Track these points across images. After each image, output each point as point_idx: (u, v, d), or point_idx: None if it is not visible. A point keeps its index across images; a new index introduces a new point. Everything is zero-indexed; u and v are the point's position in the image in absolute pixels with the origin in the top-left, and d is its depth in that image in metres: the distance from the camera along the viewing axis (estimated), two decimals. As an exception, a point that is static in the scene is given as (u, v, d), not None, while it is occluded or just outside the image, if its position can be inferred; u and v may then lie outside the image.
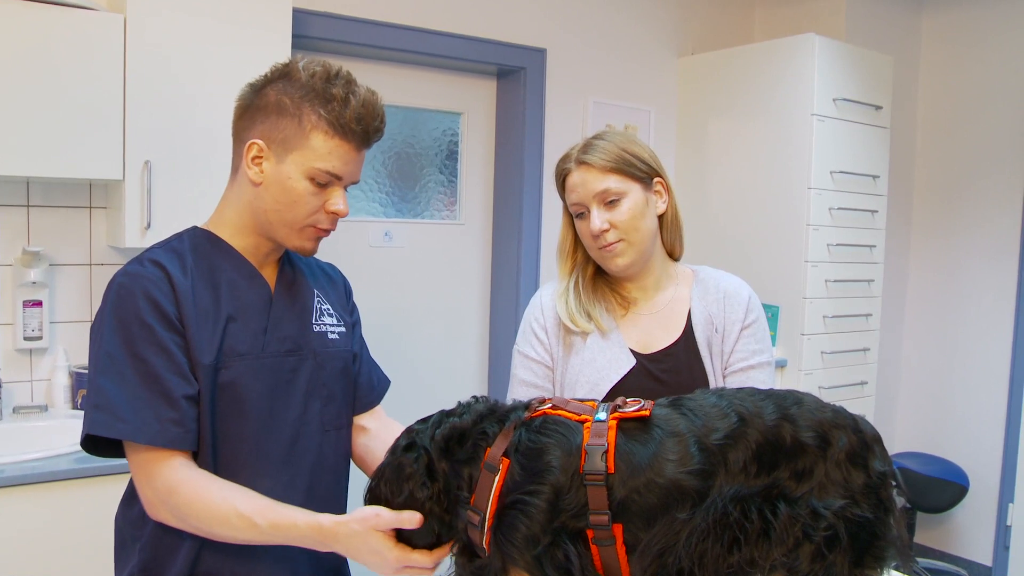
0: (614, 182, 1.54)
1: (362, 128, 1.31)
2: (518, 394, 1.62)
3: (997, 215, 3.92)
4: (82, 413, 1.39)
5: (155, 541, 1.30)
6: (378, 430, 1.55)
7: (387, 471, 1.14)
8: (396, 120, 3.35)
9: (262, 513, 1.20)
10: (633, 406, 1.07)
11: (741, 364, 1.59)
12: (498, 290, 3.59)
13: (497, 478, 1.04)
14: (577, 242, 1.65)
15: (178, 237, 1.38)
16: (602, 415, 1.07)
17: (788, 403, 1.04)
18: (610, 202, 1.54)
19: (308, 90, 1.29)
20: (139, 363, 1.23)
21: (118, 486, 1.45)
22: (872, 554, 0.97)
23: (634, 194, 1.55)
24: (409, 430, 1.17)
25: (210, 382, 1.29)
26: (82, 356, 2.51)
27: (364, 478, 1.40)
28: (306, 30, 2.86)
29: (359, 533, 1.14)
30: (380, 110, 1.33)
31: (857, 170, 3.53)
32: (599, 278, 1.66)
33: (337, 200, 1.34)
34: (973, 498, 3.92)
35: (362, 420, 1.55)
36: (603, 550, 1.01)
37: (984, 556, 3.95)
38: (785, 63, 3.48)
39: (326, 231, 1.37)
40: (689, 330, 1.60)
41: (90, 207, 2.59)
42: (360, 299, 1.61)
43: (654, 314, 1.63)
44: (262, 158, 1.31)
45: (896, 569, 1.01)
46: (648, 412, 1.05)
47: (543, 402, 1.13)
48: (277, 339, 1.37)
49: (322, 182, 1.31)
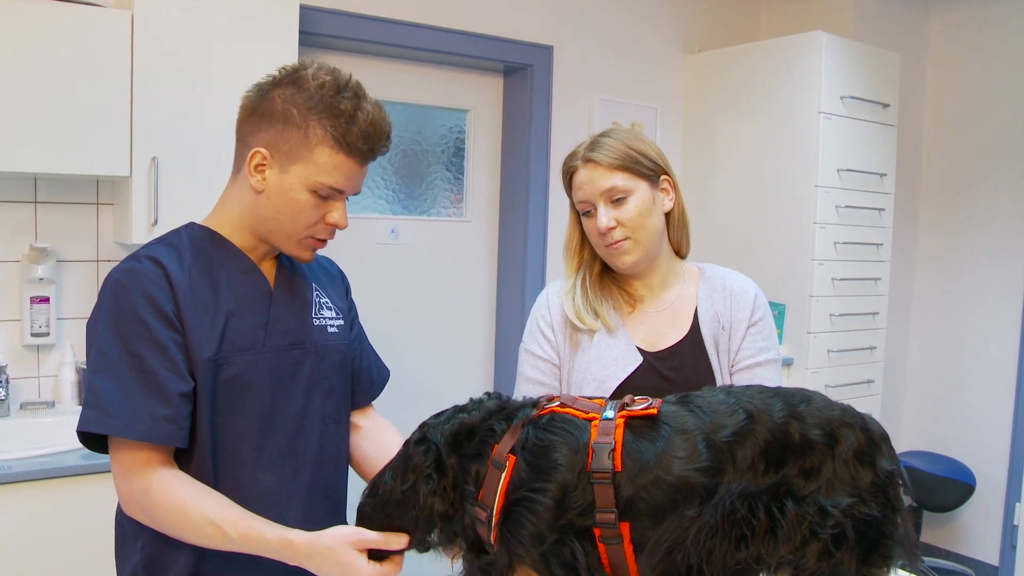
0: (621, 180, 1.54)
1: (368, 147, 1.30)
2: (525, 392, 1.62)
3: (1004, 213, 3.91)
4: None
5: (157, 539, 1.30)
6: (369, 429, 1.56)
7: (396, 461, 1.16)
8: (403, 117, 3.35)
9: (234, 524, 1.20)
10: (641, 404, 1.07)
11: (748, 361, 1.58)
12: (504, 287, 3.59)
13: (504, 475, 1.05)
14: (584, 240, 1.65)
15: (175, 233, 1.38)
16: (610, 413, 1.07)
17: (796, 401, 1.04)
18: (617, 200, 1.54)
19: (316, 102, 1.27)
20: (134, 360, 1.23)
21: (125, 482, 1.46)
22: (879, 553, 0.97)
23: (641, 192, 1.55)
24: (422, 425, 1.17)
25: (211, 377, 1.29)
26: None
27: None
28: (313, 27, 2.86)
29: (330, 549, 1.14)
30: (387, 127, 1.32)
31: (864, 168, 3.52)
32: (606, 276, 1.66)
33: (337, 213, 1.34)
34: (980, 497, 3.91)
35: (355, 418, 1.55)
36: (610, 548, 1.01)
37: (991, 555, 3.94)
38: (792, 61, 3.47)
39: (323, 241, 1.38)
40: (696, 328, 1.60)
41: (97, 203, 2.59)
42: (366, 296, 1.61)
43: (661, 312, 1.63)
44: (265, 166, 1.30)
45: (903, 568, 1.01)
46: (656, 411, 1.05)
47: (551, 400, 1.13)
48: (278, 333, 1.37)
49: (324, 195, 1.31)
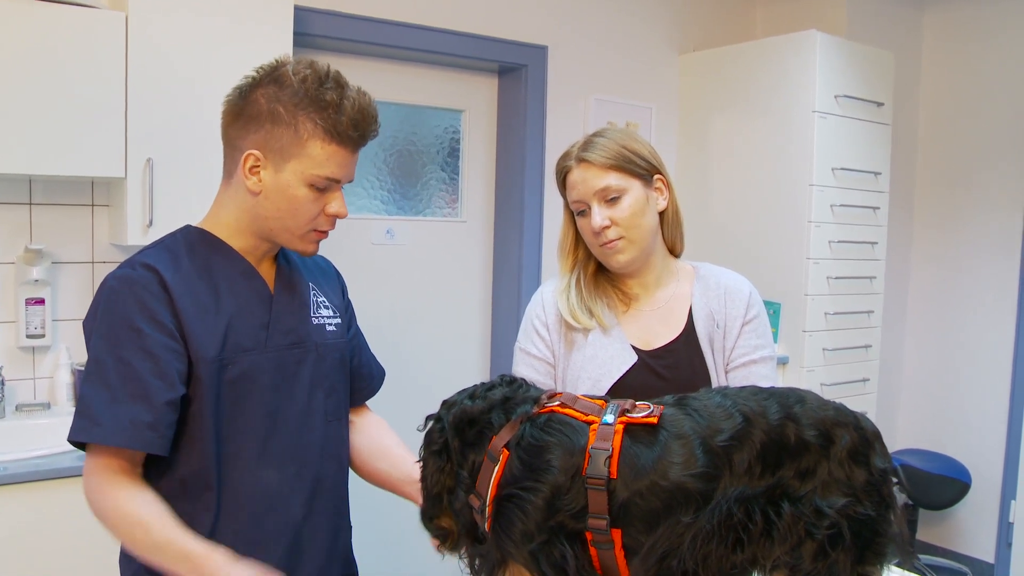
0: (614, 179, 1.54)
1: (359, 133, 1.32)
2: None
3: (999, 211, 3.92)
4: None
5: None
6: (360, 423, 1.58)
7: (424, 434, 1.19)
8: (397, 118, 3.35)
9: (159, 528, 1.20)
10: (642, 411, 1.06)
11: (743, 359, 1.59)
12: (500, 287, 3.59)
13: (497, 468, 1.05)
14: (578, 239, 1.66)
15: (172, 236, 1.39)
16: (610, 418, 1.06)
17: (791, 402, 1.04)
18: (611, 199, 1.54)
19: (301, 97, 1.28)
20: (123, 366, 1.24)
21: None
22: (873, 551, 0.97)
23: (634, 191, 1.55)
24: (444, 402, 1.19)
25: (215, 377, 1.30)
26: (85, 354, 2.51)
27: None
28: (307, 27, 2.86)
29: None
30: (374, 111, 1.34)
31: (859, 167, 3.53)
32: (600, 275, 1.67)
33: (337, 203, 1.36)
34: (975, 495, 3.92)
35: (350, 413, 1.57)
36: (602, 553, 1.01)
37: (987, 553, 3.95)
38: (786, 60, 3.47)
39: (325, 233, 1.39)
40: (690, 326, 1.60)
41: (92, 205, 2.59)
42: (362, 297, 1.61)
43: (655, 310, 1.63)
44: (259, 167, 1.31)
45: (897, 565, 1.01)
46: (656, 420, 1.04)
47: (552, 397, 1.13)
48: (280, 332, 1.38)
49: (321, 187, 1.32)
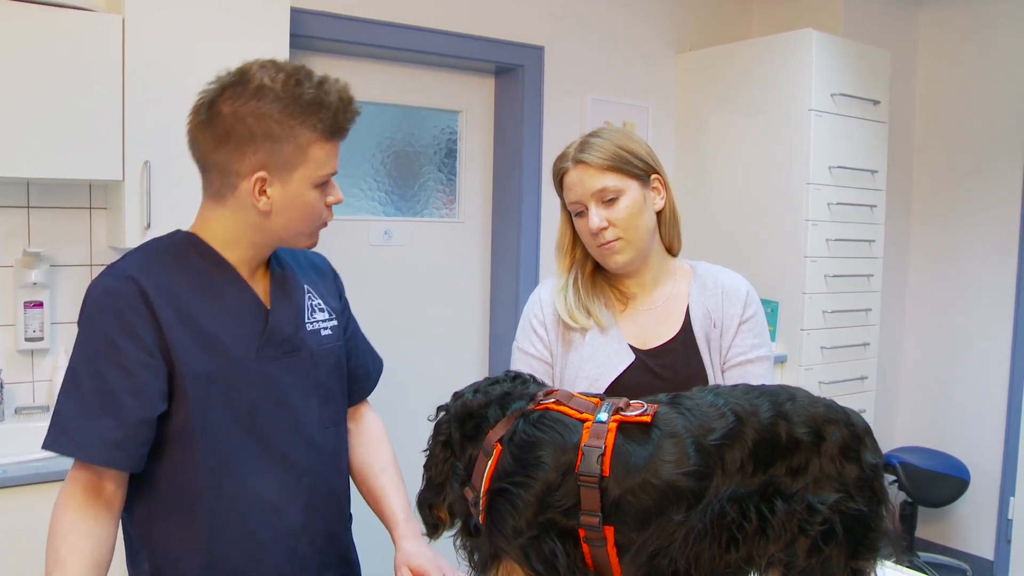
0: (611, 180, 1.54)
1: (347, 124, 1.34)
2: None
3: (996, 208, 3.92)
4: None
5: (162, 550, 1.32)
6: (357, 432, 1.59)
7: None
8: (395, 119, 3.35)
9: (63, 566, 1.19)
10: (636, 409, 1.07)
11: (740, 358, 1.59)
12: (498, 287, 3.59)
13: (490, 462, 1.06)
14: (575, 239, 1.66)
15: (160, 242, 1.37)
16: (603, 415, 1.06)
17: (782, 399, 1.04)
18: (608, 200, 1.54)
19: (288, 105, 1.27)
20: (98, 381, 1.24)
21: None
22: (866, 545, 0.98)
23: (632, 192, 1.56)
24: (454, 394, 1.20)
25: (203, 392, 1.29)
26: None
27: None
28: (304, 29, 2.87)
29: None
30: (349, 91, 1.34)
31: (855, 165, 3.53)
32: (598, 274, 1.67)
33: (334, 192, 1.38)
34: (974, 492, 3.92)
35: (348, 415, 1.57)
36: (594, 550, 1.02)
37: (986, 550, 3.96)
38: (783, 59, 3.48)
39: (326, 223, 1.42)
40: (687, 325, 1.61)
41: (90, 208, 2.59)
42: (360, 298, 1.62)
43: (653, 310, 1.63)
44: (266, 186, 1.30)
45: (889, 559, 1.02)
46: (650, 418, 1.05)
47: (548, 394, 1.14)
48: (274, 343, 1.37)
49: (324, 184, 1.34)
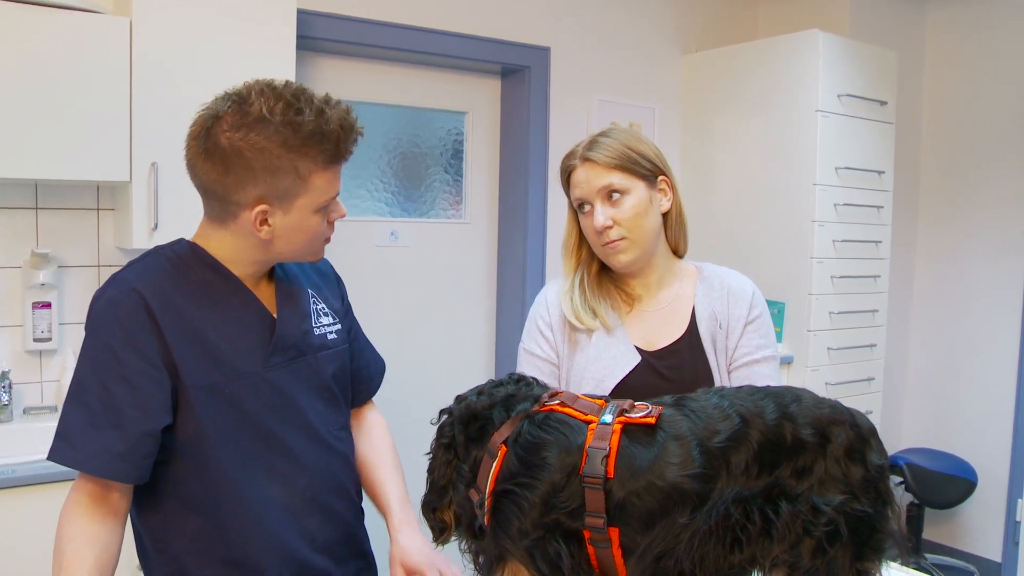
0: (618, 179, 1.54)
1: (348, 151, 1.32)
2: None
3: (1004, 209, 3.91)
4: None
5: (181, 556, 1.33)
6: (359, 431, 1.60)
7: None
8: (401, 120, 3.36)
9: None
10: (641, 411, 1.07)
11: (746, 359, 1.59)
12: (504, 288, 3.60)
13: (495, 463, 1.06)
14: (582, 239, 1.66)
15: (165, 252, 1.37)
16: (608, 417, 1.06)
17: (787, 401, 1.04)
18: (614, 199, 1.55)
19: (288, 136, 1.24)
20: (103, 392, 1.25)
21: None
22: (871, 547, 0.98)
23: (638, 191, 1.56)
24: (457, 396, 1.20)
25: (209, 402, 1.30)
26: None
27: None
28: (310, 31, 2.87)
29: None
30: (352, 118, 1.31)
31: (862, 166, 3.53)
32: (604, 275, 1.67)
33: (338, 209, 1.37)
34: (982, 494, 3.91)
35: (352, 415, 1.58)
36: (599, 551, 1.02)
37: (993, 552, 3.94)
38: (789, 59, 3.47)
39: (330, 238, 1.41)
40: (693, 326, 1.61)
41: (98, 209, 2.60)
42: (366, 299, 1.62)
43: (658, 311, 1.64)
44: (267, 216, 1.30)
45: (895, 561, 1.01)
46: (654, 420, 1.05)
47: (553, 396, 1.14)
48: (280, 351, 1.38)
49: (326, 206, 1.34)
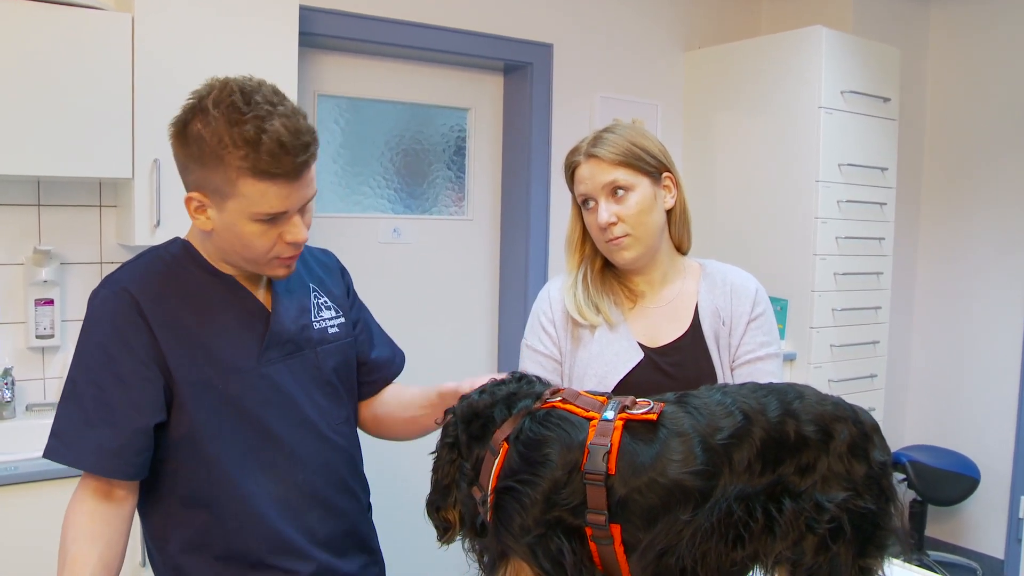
0: (623, 175, 1.54)
1: (284, 169, 1.21)
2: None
3: (1006, 206, 3.90)
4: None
5: (183, 557, 1.34)
6: (391, 393, 1.58)
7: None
8: (404, 117, 3.35)
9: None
10: (642, 408, 1.07)
11: (749, 356, 1.59)
12: (506, 285, 3.59)
13: (497, 460, 1.06)
14: (585, 235, 1.66)
15: (159, 251, 1.37)
16: (610, 414, 1.06)
17: (790, 397, 1.04)
18: (618, 195, 1.54)
19: (222, 134, 1.20)
20: (96, 390, 1.26)
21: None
22: (874, 544, 0.98)
23: (642, 188, 1.55)
24: (462, 396, 1.20)
25: (203, 400, 1.30)
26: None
27: (382, 462, 1.41)
28: (313, 27, 2.87)
29: None
30: (301, 137, 1.22)
31: (865, 162, 3.52)
32: (607, 271, 1.67)
33: (292, 231, 1.28)
34: (984, 491, 3.91)
35: (378, 396, 1.58)
36: (601, 548, 1.02)
37: (996, 549, 3.94)
38: (792, 56, 3.47)
39: (291, 258, 1.33)
40: (696, 323, 1.60)
41: (100, 206, 2.61)
42: (369, 296, 1.62)
43: (662, 307, 1.63)
44: (204, 207, 1.27)
45: (897, 557, 1.01)
46: (656, 416, 1.04)
47: (555, 393, 1.13)
48: (277, 346, 1.37)
49: (268, 220, 1.25)
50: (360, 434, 1.57)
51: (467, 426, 1.13)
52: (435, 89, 3.40)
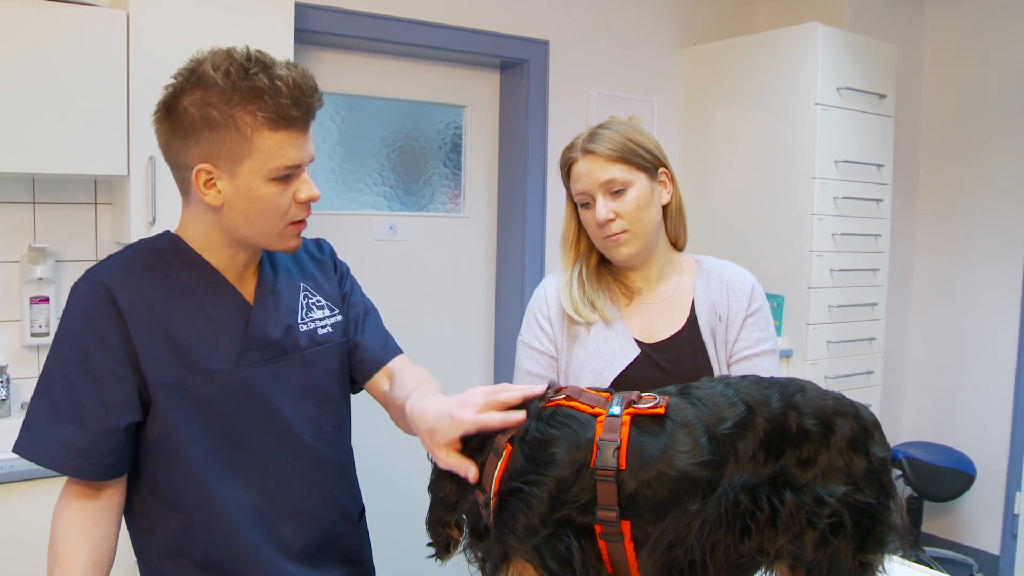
0: (620, 172, 1.54)
1: (303, 110, 1.23)
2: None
3: (1003, 202, 3.91)
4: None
5: (160, 563, 1.32)
6: (400, 374, 1.46)
7: None
8: (400, 114, 3.35)
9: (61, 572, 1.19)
10: (648, 402, 1.06)
11: (745, 352, 1.59)
12: (503, 282, 3.59)
13: (500, 462, 1.05)
14: (581, 231, 1.66)
15: (143, 246, 1.34)
16: (616, 409, 1.06)
17: (792, 391, 1.04)
18: (615, 192, 1.54)
19: (230, 92, 1.20)
20: (68, 387, 1.23)
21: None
22: (874, 539, 0.98)
23: (639, 184, 1.55)
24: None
25: (177, 401, 1.26)
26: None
27: (380, 470, 1.40)
28: (308, 24, 2.86)
29: None
30: (311, 81, 1.25)
31: (861, 159, 3.52)
32: (603, 268, 1.67)
33: (305, 188, 1.28)
34: (981, 487, 3.92)
35: (379, 380, 1.48)
36: (611, 546, 1.01)
37: (992, 545, 3.95)
38: (788, 52, 3.47)
39: (303, 222, 1.33)
40: (693, 319, 1.60)
41: (95, 203, 2.60)
42: (365, 292, 1.60)
43: (658, 303, 1.63)
44: (214, 179, 1.24)
45: (896, 553, 1.01)
46: (663, 410, 1.04)
47: (558, 392, 1.13)
48: (257, 348, 1.32)
49: (284, 178, 1.25)
50: (354, 439, 1.52)
51: (467, 439, 1.11)
52: (431, 86, 3.39)
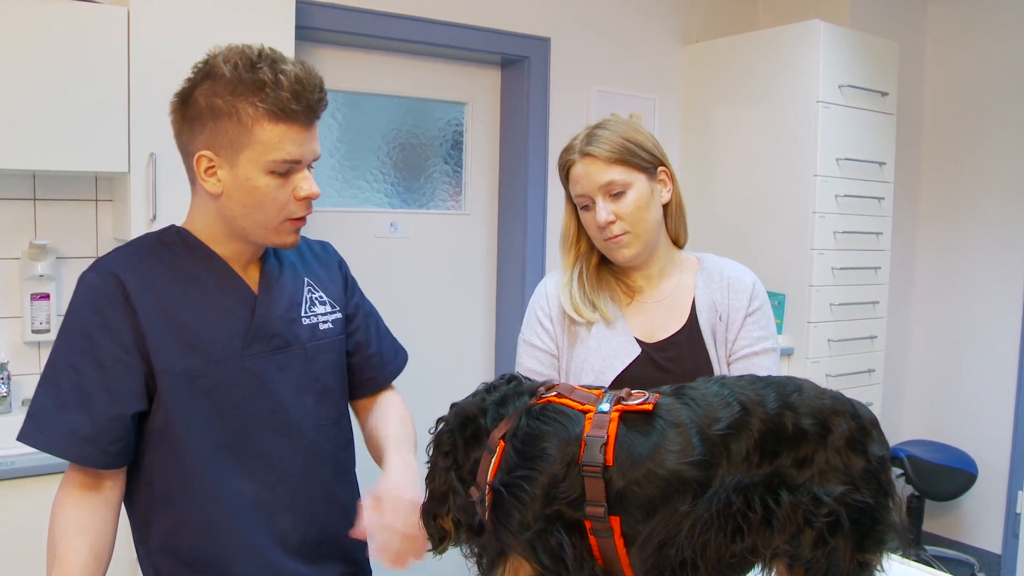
0: (619, 174, 1.53)
1: (303, 105, 1.25)
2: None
3: (1005, 201, 3.90)
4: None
5: (159, 547, 1.32)
6: (376, 406, 1.53)
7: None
8: (400, 111, 3.35)
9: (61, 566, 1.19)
10: (637, 399, 1.07)
11: (746, 351, 1.58)
12: (504, 280, 3.59)
13: (494, 458, 1.06)
14: (580, 231, 1.65)
15: (151, 237, 1.36)
16: (605, 406, 1.06)
17: (788, 390, 1.03)
18: (615, 194, 1.54)
19: (236, 84, 1.23)
20: (74, 374, 1.24)
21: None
22: (872, 538, 0.97)
23: (639, 185, 1.55)
24: (453, 404, 1.19)
25: (183, 390, 1.27)
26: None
27: (374, 465, 1.40)
28: (309, 21, 2.86)
29: None
30: (316, 79, 1.27)
31: (863, 157, 3.52)
32: (603, 267, 1.66)
33: (305, 184, 1.29)
34: (982, 486, 3.91)
35: (368, 400, 1.53)
36: (601, 541, 1.01)
37: (994, 544, 3.95)
38: (790, 50, 3.46)
39: (302, 219, 1.33)
40: (693, 318, 1.60)
41: (96, 200, 2.60)
42: (365, 289, 1.60)
43: (659, 302, 1.63)
44: (214, 167, 1.26)
45: (895, 552, 1.01)
46: (652, 406, 1.04)
47: (550, 388, 1.13)
48: (262, 339, 1.34)
49: (283, 172, 1.26)
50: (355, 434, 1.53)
51: (461, 431, 1.12)
52: (432, 83, 3.39)
